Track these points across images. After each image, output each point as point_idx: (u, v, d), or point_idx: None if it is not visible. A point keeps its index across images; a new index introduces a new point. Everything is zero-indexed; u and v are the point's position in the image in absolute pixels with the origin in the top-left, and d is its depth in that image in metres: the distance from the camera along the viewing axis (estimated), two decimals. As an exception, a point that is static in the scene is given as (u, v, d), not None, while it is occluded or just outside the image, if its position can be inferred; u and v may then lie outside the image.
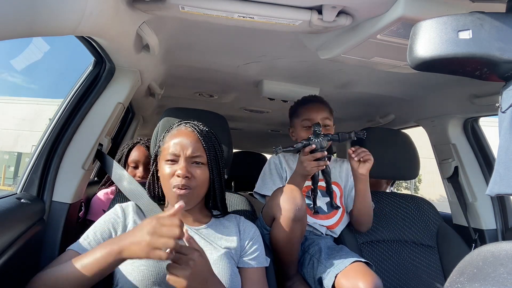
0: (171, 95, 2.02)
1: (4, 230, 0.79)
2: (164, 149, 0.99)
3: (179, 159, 0.95)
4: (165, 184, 0.97)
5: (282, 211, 1.09)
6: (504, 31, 0.48)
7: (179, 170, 0.92)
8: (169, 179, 0.94)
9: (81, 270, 0.74)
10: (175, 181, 0.93)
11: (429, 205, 1.59)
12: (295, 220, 1.08)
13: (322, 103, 1.44)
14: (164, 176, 0.96)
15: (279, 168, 1.42)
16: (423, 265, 1.47)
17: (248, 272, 0.98)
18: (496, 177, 0.48)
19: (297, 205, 1.08)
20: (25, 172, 1.05)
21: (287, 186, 1.15)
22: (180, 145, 0.95)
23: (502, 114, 0.49)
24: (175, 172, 0.93)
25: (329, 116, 1.41)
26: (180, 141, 0.96)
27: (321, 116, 1.38)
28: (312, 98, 1.47)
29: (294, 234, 1.12)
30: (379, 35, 0.95)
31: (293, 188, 1.13)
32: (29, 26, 0.59)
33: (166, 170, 0.95)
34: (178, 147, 0.95)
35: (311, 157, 1.17)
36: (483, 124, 1.74)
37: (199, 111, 1.32)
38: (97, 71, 1.19)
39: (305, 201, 1.13)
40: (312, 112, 1.40)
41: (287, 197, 1.10)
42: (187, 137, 0.97)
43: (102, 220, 0.95)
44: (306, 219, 1.19)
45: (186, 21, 1.05)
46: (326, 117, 1.39)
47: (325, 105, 1.44)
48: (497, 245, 0.41)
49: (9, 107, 15.18)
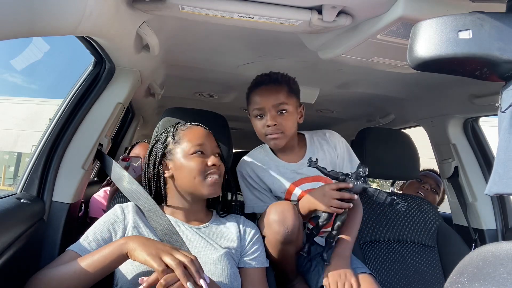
0: (171, 95, 2.02)
1: (4, 230, 0.79)
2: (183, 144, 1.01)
3: (209, 153, 1.01)
4: (196, 177, 0.97)
5: (271, 233, 1.02)
6: (504, 31, 0.48)
7: (214, 162, 0.98)
8: (202, 171, 0.97)
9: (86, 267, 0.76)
10: (211, 170, 0.98)
11: (429, 205, 1.59)
12: (285, 243, 1.01)
13: (275, 83, 1.15)
14: (196, 168, 0.97)
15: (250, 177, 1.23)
16: (423, 265, 1.47)
17: (249, 272, 0.98)
18: (495, 177, 0.48)
19: (287, 228, 0.98)
20: (25, 172, 1.05)
21: (280, 204, 1.05)
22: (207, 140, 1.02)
23: (501, 114, 0.49)
24: (206, 163, 0.98)
25: (286, 99, 1.13)
26: (206, 136, 1.03)
27: (272, 102, 1.12)
28: (263, 79, 1.18)
29: (286, 254, 1.06)
30: (379, 35, 0.95)
31: (286, 208, 1.01)
32: (29, 26, 0.59)
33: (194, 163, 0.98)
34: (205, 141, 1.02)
35: (338, 195, 1.02)
36: (483, 124, 1.74)
37: (199, 111, 1.32)
38: (97, 71, 1.19)
39: (298, 220, 1.02)
40: (261, 98, 1.14)
41: (277, 218, 1.00)
42: (209, 134, 1.05)
43: (101, 221, 0.95)
44: (301, 239, 1.09)
45: (186, 21, 1.05)
46: (281, 102, 1.12)
47: (279, 85, 1.15)
48: (497, 245, 0.41)
49: (9, 107, 15.18)
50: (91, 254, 0.79)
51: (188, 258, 0.74)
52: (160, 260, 0.73)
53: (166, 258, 0.73)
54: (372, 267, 1.40)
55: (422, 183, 1.94)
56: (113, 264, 0.78)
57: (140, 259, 0.75)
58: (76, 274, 0.76)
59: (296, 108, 1.18)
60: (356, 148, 1.60)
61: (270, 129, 1.14)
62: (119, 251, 0.77)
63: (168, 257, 0.73)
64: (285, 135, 1.15)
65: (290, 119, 1.15)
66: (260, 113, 1.16)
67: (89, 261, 0.77)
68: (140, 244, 0.77)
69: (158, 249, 0.75)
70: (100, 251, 0.79)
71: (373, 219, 1.46)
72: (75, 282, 0.76)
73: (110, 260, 0.77)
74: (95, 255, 0.78)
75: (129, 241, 0.78)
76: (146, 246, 0.76)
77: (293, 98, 1.17)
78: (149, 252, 0.74)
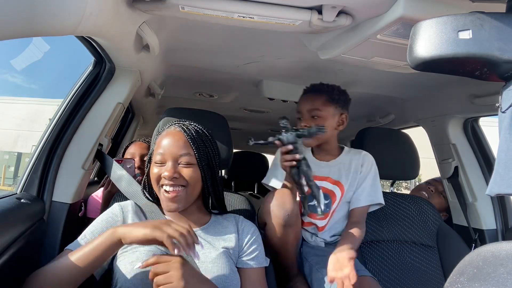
0: (171, 95, 2.02)
1: (4, 230, 0.79)
2: (154, 151, 0.98)
3: (166, 161, 0.94)
4: (154, 186, 0.97)
5: (272, 217, 1.08)
6: (504, 31, 0.48)
7: (166, 171, 0.91)
8: (157, 181, 0.94)
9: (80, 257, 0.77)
10: (163, 182, 0.93)
11: (429, 205, 1.59)
12: (285, 226, 1.07)
13: (315, 92, 1.31)
14: (152, 177, 0.95)
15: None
16: (423, 265, 1.47)
17: (247, 272, 0.98)
18: (496, 177, 0.48)
19: (286, 210, 1.06)
20: (25, 172, 1.05)
21: (278, 191, 1.13)
22: (167, 145, 0.94)
23: (502, 114, 0.49)
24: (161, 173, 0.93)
25: (321, 106, 1.27)
26: (167, 142, 0.95)
27: (307, 107, 1.27)
28: (308, 89, 1.36)
29: (287, 239, 1.10)
30: (379, 35, 0.95)
31: (284, 193, 1.10)
32: (29, 26, 0.59)
33: (154, 171, 0.95)
34: (165, 148, 0.94)
35: (283, 153, 1.11)
36: (483, 124, 1.74)
37: (199, 111, 1.32)
38: (97, 71, 1.19)
39: (297, 205, 1.10)
40: (300, 103, 1.32)
41: (277, 202, 1.08)
42: (174, 137, 0.95)
43: (100, 220, 0.94)
44: (300, 224, 1.16)
45: (186, 21, 1.05)
46: (315, 108, 1.26)
47: (318, 94, 1.30)
48: (497, 245, 0.41)
49: (9, 107, 15.19)
50: (82, 247, 0.80)
51: (184, 228, 0.77)
52: (161, 230, 0.75)
53: (166, 228, 0.75)
54: (372, 267, 1.40)
55: (428, 184, 1.95)
56: (105, 254, 0.78)
57: (139, 236, 0.75)
58: (68, 267, 0.77)
59: (333, 116, 1.29)
60: (356, 148, 1.60)
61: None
62: (110, 240, 0.77)
63: (167, 228, 0.75)
64: (316, 137, 1.25)
65: (324, 124, 1.26)
66: (298, 116, 1.31)
67: (80, 254, 0.78)
68: (131, 226, 0.78)
69: (153, 223, 0.77)
70: (90, 243, 0.79)
71: (373, 219, 1.46)
72: (68, 276, 0.77)
73: (101, 250, 0.77)
74: (85, 247, 0.79)
75: (118, 229, 0.78)
76: (139, 225, 0.77)
77: (331, 107, 1.28)
78: (145, 226, 0.76)
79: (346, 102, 1.34)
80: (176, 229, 0.76)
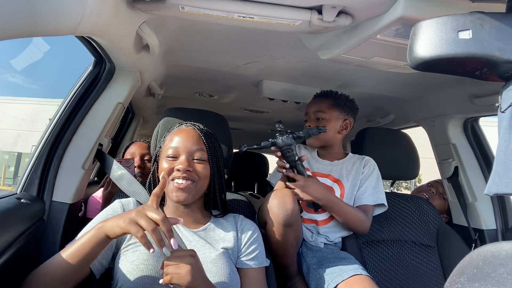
0: (171, 95, 2.02)
1: (4, 230, 0.79)
2: (165, 147, 1.00)
3: (180, 155, 0.96)
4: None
5: (272, 217, 1.09)
6: (504, 31, 0.48)
7: (180, 164, 0.93)
8: (168, 174, 0.95)
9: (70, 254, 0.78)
10: (175, 175, 0.94)
11: (429, 205, 1.59)
12: (285, 225, 1.08)
13: (323, 96, 1.42)
14: (164, 171, 0.96)
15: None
16: (423, 265, 1.47)
17: (247, 273, 0.98)
18: (495, 177, 0.48)
19: (287, 210, 1.07)
20: (25, 172, 1.05)
21: (279, 190, 1.14)
22: (182, 140, 0.97)
23: (501, 114, 0.49)
24: (174, 167, 0.94)
25: (326, 109, 1.36)
26: (181, 137, 0.98)
27: (314, 109, 1.38)
28: (317, 94, 1.47)
29: (287, 239, 1.11)
30: (379, 35, 0.95)
31: (285, 193, 1.11)
32: (29, 26, 0.60)
33: (165, 165, 0.96)
34: (179, 142, 0.97)
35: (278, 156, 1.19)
36: (483, 124, 1.74)
37: (199, 111, 1.32)
38: (97, 71, 1.19)
39: (297, 205, 1.12)
40: (308, 106, 1.42)
41: (277, 202, 1.09)
42: (188, 133, 1.00)
43: (99, 217, 0.95)
44: (300, 224, 1.17)
45: (186, 21, 1.05)
46: (320, 110, 1.37)
47: (325, 98, 1.40)
48: (497, 245, 0.41)
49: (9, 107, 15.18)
50: (72, 244, 0.80)
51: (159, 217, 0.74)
52: (135, 225, 0.73)
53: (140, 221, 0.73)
54: (372, 267, 1.41)
55: (429, 186, 1.95)
56: (94, 250, 0.78)
57: (117, 232, 0.76)
58: (59, 265, 0.78)
59: (336, 119, 1.38)
60: (356, 148, 1.60)
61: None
62: (98, 236, 0.78)
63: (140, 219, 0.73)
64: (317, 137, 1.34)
65: (326, 126, 1.34)
66: (305, 118, 1.42)
67: (70, 251, 0.78)
68: (113, 220, 0.77)
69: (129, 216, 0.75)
70: (79, 239, 0.79)
71: (373, 219, 1.46)
72: (59, 274, 0.78)
73: (90, 246, 0.77)
74: (75, 244, 0.79)
75: (104, 223, 0.78)
76: (120, 218, 0.76)
77: (335, 111, 1.37)
78: (124, 220, 0.75)
79: (351, 110, 1.41)
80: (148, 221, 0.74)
